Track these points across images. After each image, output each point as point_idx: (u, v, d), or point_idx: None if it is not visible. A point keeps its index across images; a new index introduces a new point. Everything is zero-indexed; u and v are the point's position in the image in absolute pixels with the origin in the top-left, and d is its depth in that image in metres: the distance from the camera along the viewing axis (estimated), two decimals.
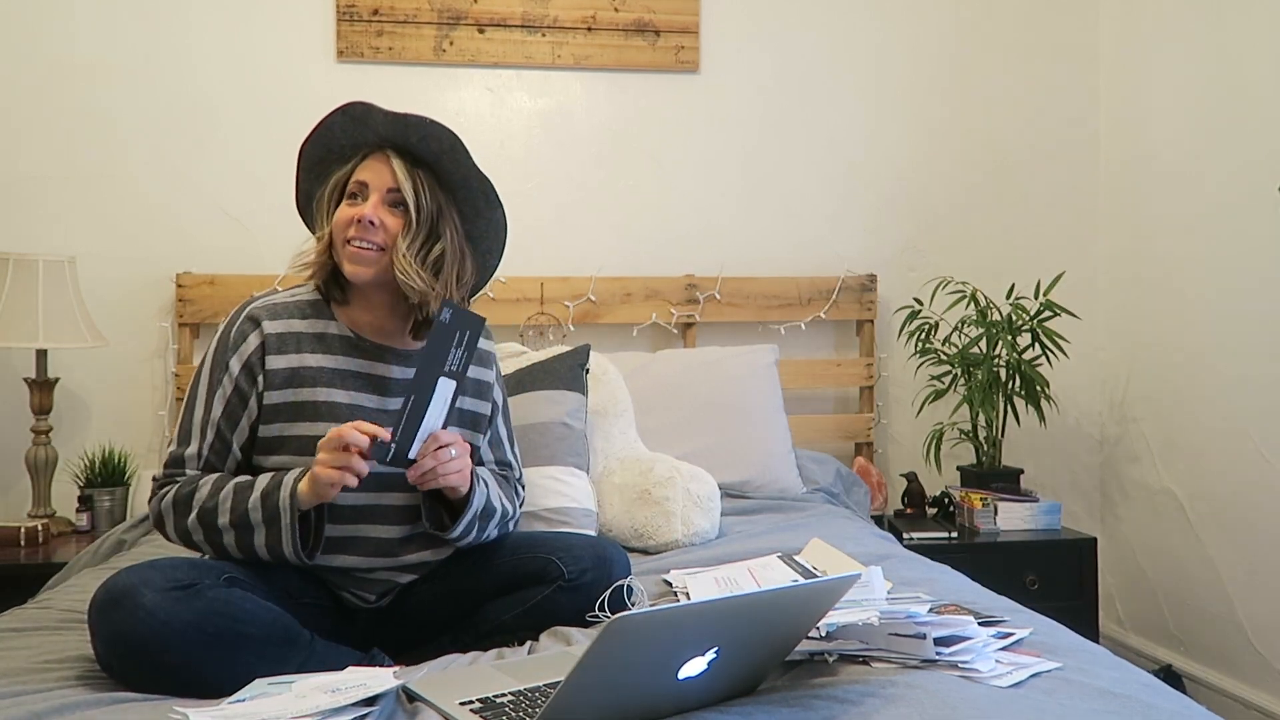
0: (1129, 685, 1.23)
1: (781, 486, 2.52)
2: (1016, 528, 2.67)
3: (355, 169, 1.58)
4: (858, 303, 2.96)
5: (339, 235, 1.56)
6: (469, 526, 1.56)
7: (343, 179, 1.59)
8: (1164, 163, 2.84)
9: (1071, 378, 3.02)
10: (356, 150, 1.60)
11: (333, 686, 1.19)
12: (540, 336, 2.80)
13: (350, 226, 1.54)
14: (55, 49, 2.70)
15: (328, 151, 1.61)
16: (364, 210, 1.53)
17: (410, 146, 1.57)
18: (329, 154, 1.62)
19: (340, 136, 1.60)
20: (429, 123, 1.55)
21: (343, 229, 1.55)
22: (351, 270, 1.54)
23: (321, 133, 1.60)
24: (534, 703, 1.16)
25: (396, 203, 1.56)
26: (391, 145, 1.57)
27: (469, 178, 1.60)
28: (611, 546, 1.67)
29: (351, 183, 1.57)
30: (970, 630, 1.35)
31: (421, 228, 1.55)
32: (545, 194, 2.90)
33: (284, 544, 1.43)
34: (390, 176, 1.55)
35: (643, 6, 2.90)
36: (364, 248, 1.54)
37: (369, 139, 1.59)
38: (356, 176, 1.57)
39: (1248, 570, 2.52)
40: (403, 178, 1.55)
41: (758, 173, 3.00)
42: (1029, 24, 3.09)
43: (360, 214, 1.53)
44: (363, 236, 1.53)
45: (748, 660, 1.15)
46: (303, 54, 2.77)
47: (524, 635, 1.53)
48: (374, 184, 1.55)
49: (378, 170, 1.56)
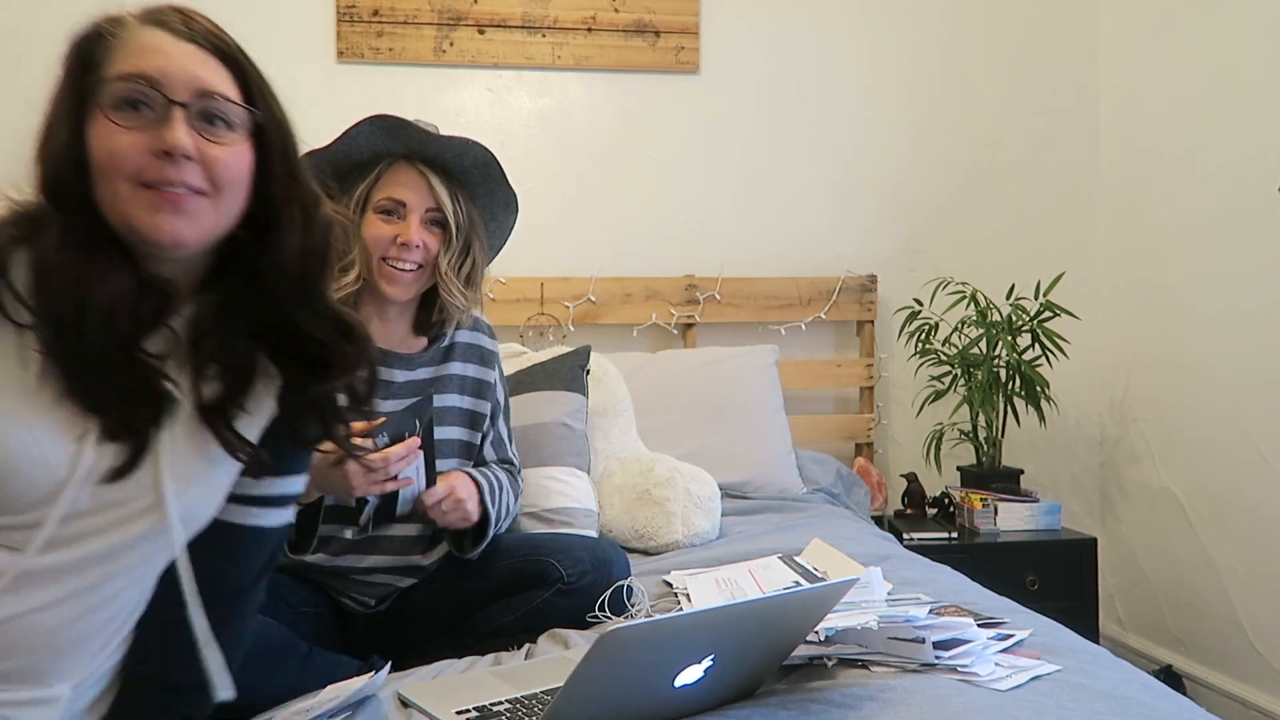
0: (1129, 687, 1.23)
1: (782, 487, 2.52)
2: (1016, 528, 2.67)
3: (382, 180, 1.55)
4: (858, 303, 2.96)
5: (375, 252, 1.54)
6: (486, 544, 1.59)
7: (366, 190, 1.56)
8: (1163, 162, 2.84)
9: (1071, 378, 3.02)
10: (377, 159, 1.57)
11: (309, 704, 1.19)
12: (540, 337, 2.80)
13: (391, 246, 1.53)
14: (56, 50, 2.69)
15: (345, 158, 1.58)
16: (409, 234, 1.52)
17: (444, 162, 1.56)
18: (345, 160, 1.58)
19: (364, 146, 1.56)
20: (468, 143, 1.54)
21: (382, 248, 1.54)
22: (390, 290, 1.55)
23: (345, 143, 1.56)
24: (530, 710, 1.16)
25: (435, 221, 1.56)
26: (420, 157, 1.56)
27: (496, 190, 1.61)
28: (611, 548, 1.67)
29: (385, 198, 1.55)
30: (970, 633, 1.35)
31: (459, 244, 1.56)
32: (545, 194, 2.89)
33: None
34: (429, 195, 1.55)
35: (643, 7, 2.90)
36: (405, 269, 1.54)
37: (394, 149, 1.56)
38: (390, 192, 1.54)
39: (1248, 570, 2.52)
40: (444, 199, 1.55)
41: (758, 173, 3.00)
42: (1029, 24, 3.09)
43: (406, 237, 1.52)
44: (404, 257, 1.54)
45: (745, 666, 1.15)
46: (302, 54, 2.77)
47: (523, 638, 1.54)
48: (413, 203, 1.54)
49: (415, 187, 1.55)
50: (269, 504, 1.08)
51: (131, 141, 0.92)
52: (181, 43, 0.95)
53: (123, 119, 0.92)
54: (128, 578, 0.99)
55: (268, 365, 1.04)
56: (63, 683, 0.97)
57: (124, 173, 0.92)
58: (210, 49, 0.97)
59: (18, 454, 0.89)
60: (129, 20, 0.96)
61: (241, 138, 0.97)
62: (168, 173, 0.92)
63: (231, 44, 0.99)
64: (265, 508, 1.08)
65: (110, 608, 0.98)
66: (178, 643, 1.02)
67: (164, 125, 0.92)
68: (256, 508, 1.07)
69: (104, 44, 0.95)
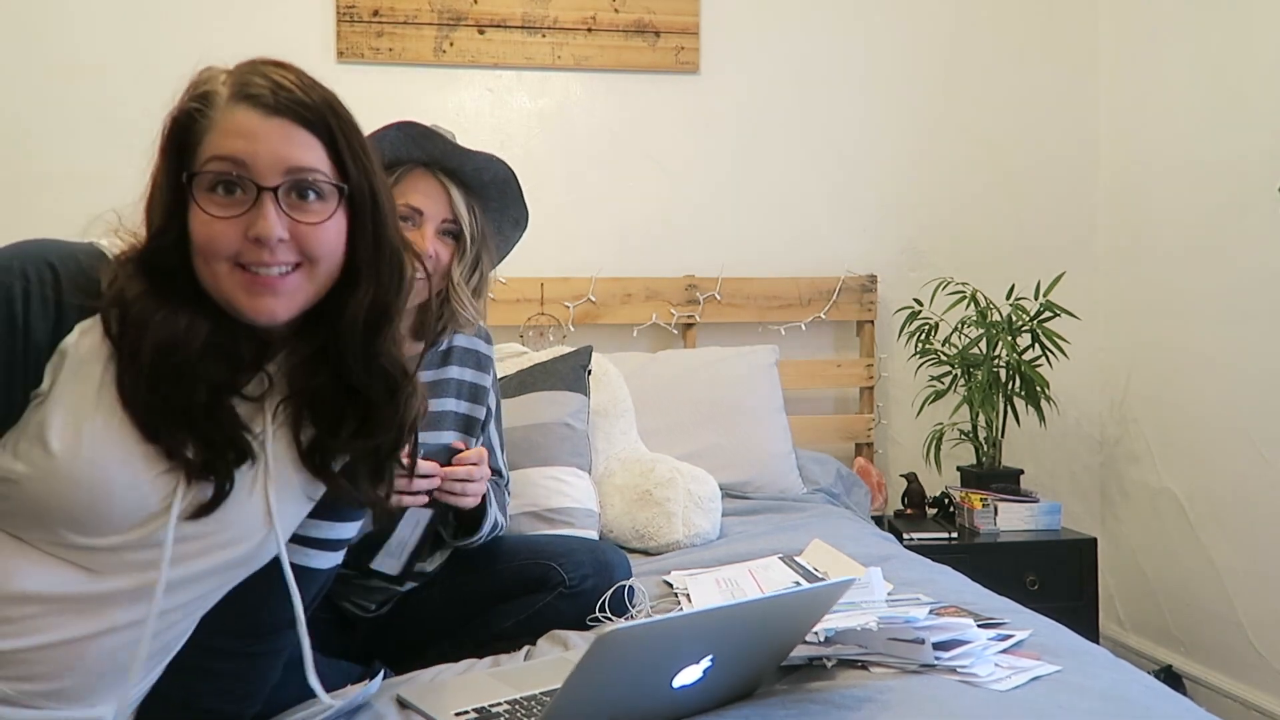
0: (1128, 688, 1.23)
1: (782, 487, 2.52)
2: (1016, 528, 2.67)
3: (400, 186, 1.53)
4: (858, 303, 2.96)
5: None
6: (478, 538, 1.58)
7: None
8: (1164, 163, 2.84)
9: (1071, 378, 3.02)
10: (396, 164, 1.55)
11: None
12: (540, 337, 2.80)
13: None
14: (57, 51, 2.70)
15: None
16: (423, 244, 1.51)
17: (464, 175, 1.56)
18: None
19: (386, 150, 1.54)
20: (492, 159, 1.54)
21: None
22: None
23: None
24: (530, 712, 1.16)
25: (448, 232, 1.55)
26: (441, 167, 1.55)
27: (509, 207, 1.61)
28: (612, 551, 1.67)
29: (402, 205, 1.52)
30: (969, 634, 1.35)
31: (471, 256, 1.56)
32: (545, 194, 2.89)
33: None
34: (447, 206, 1.54)
35: (643, 7, 2.90)
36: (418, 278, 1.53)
37: (416, 156, 1.55)
38: (407, 199, 1.53)
39: (1248, 570, 2.52)
40: (462, 211, 1.54)
41: (758, 173, 3.00)
42: (1029, 24, 3.09)
43: (420, 246, 1.51)
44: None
45: (744, 667, 1.15)
46: (303, 54, 2.73)
47: (524, 641, 1.53)
48: (430, 212, 1.53)
49: (434, 197, 1.53)
50: (323, 546, 1.13)
51: (226, 228, 0.95)
52: (269, 119, 0.97)
53: (218, 204, 0.96)
54: (197, 605, 1.04)
55: None
56: (107, 704, 1.00)
57: (221, 256, 0.96)
58: (299, 120, 0.98)
59: (115, 480, 0.94)
60: (220, 97, 0.98)
61: (333, 205, 1.00)
62: (263, 256, 0.96)
63: (320, 107, 1.00)
64: (319, 550, 1.13)
65: (167, 635, 1.02)
66: (209, 670, 1.07)
67: (256, 210, 0.95)
68: (311, 549, 1.12)
69: (197, 125, 0.98)
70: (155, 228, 0.99)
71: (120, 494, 0.94)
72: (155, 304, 0.96)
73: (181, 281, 0.98)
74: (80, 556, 0.95)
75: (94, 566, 0.96)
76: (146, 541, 0.97)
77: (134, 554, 0.97)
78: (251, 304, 0.97)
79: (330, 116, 1.00)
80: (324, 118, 0.99)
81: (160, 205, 0.99)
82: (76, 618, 0.95)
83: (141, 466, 0.95)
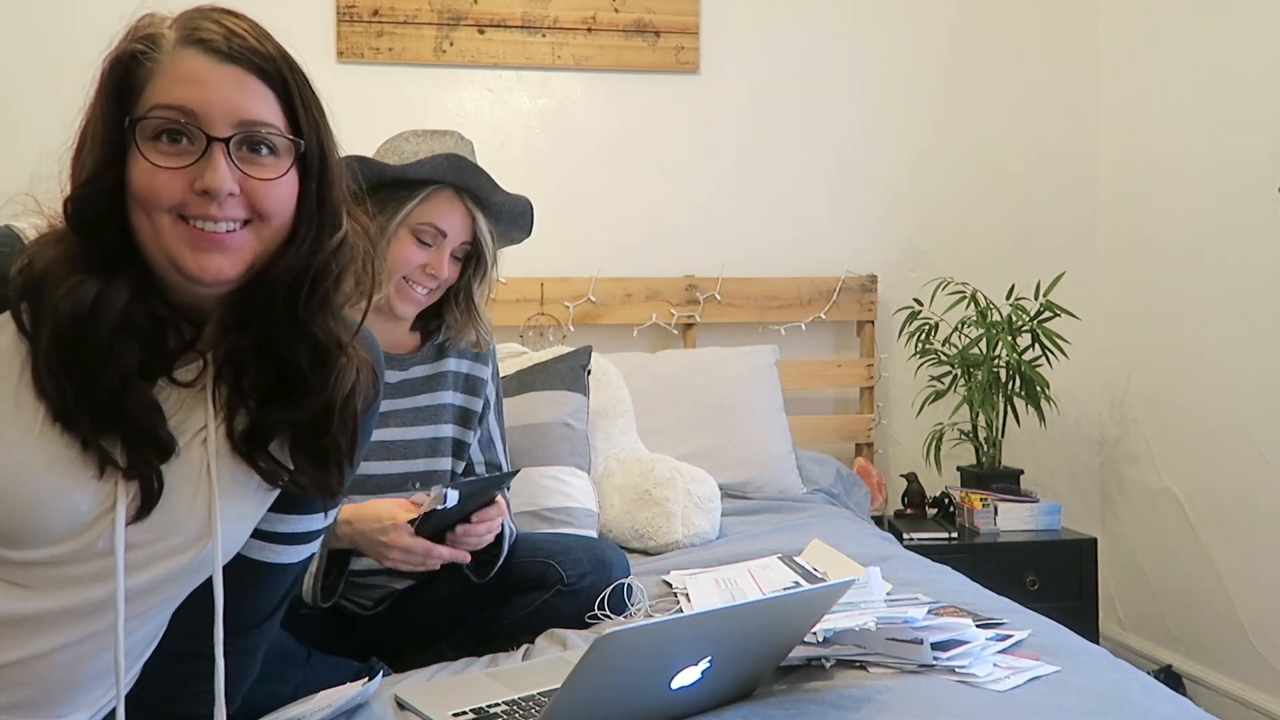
0: (1127, 688, 1.23)
1: (782, 487, 2.52)
2: (1016, 528, 2.67)
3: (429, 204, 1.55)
4: (858, 303, 2.96)
5: (397, 271, 1.55)
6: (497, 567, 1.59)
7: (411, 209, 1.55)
8: (1164, 163, 2.84)
9: (1071, 378, 3.01)
10: (428, 182, 1.56)
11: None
12: (540, 337, 2.80)
13: (417, 270, 1.56)
14: (57, 50, 2.70)
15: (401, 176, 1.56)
16: (440, 266, 1.56)
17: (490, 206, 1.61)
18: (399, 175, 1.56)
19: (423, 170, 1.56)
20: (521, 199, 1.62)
21: (407, 269, 1.55)
22: (402, 308, 1.58)
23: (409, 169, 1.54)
24: (527, 712, 1.16)
25: (464, 253, 1.61)
26: (469, 192, 1.59)
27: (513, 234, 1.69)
28: (610, 549, 1.67)
29: (427, 224, 1.55)
30: (968, 634, 1.35)
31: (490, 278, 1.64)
32: (545, 194, 2.87)
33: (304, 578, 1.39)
34: (468, 229, 1.59)
35: (643, 7, 2.90)
36: (422, 293, 1.58)
37: (449, 179, 1.57)
38: (434, 219, 1.55)
39: (1248, 570, 2.52)
40: (486, 237, 1.60)
41: (758, 173, 3.00)
42: (1029, 24, 3.09)
43: (436, 269, 1.56)
44: (424, 283, 1.57)
45: (742, 667, 1.16)
46: (302, 54, 2.75)
47: (522, 639, 1.54)
48: (453, 235, 1.57)
49: (458, 221, 1.58)
50: (289, 540, 1.06)
51: (171, 178, 0.88)
52: (222, 66, 0.90)
53: (163, 153, 0.89)
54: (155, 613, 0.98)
55: None
56: (78, 714, 0.96)
57: (164, 206, 0.88)
58: (253, 69, 0.92)
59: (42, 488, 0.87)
60: (166, 40, 0.91)
61: (288, 163, 0.93)
62: (210, 209, 0.89)
63: (275, 58, 0.94)
64: (285, 545, 1.06)
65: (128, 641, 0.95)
66: (184, 675, 1.01)
67: (205, 162, 0.88)
68: (278, 545, 1.05)
69: (141, 69, 0.91)
70: (86, 175, 0.90)
71: (49, 503, 0.87)
72: (65, 270, 0.88)
73: (106, 239, 0.89)
74: (12, 573, 0.89)
75: (27, 583, 0.89)
76: (84, 553, 0.89)
77: (73, 567, 0.90)
78: (197, 261, 0.89)
79: (286, 69, 0.94)
80: (280, 69, 0.94)
81: (93, 153, 0.90)
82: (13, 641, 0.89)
83: (68, 471, 0.88)
